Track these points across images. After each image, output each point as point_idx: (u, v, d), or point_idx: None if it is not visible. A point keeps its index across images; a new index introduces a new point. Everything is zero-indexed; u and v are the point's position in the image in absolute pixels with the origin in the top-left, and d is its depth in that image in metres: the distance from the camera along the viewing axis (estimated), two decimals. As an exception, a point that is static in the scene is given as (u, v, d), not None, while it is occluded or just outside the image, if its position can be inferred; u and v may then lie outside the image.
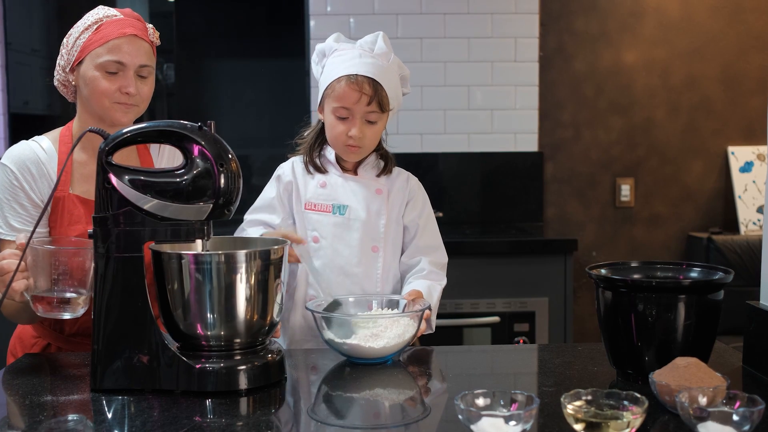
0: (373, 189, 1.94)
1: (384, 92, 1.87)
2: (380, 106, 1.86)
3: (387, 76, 1.88)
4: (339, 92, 1.86)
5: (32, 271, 1.52)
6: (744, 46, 3.82)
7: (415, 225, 1.97)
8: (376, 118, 1.88)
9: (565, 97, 3.82)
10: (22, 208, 1.79)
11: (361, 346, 1.57)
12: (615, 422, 1.14)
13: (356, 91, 1.84)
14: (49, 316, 1.53)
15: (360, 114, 1.86)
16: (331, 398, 1.44)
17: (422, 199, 2.01)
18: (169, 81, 6.06)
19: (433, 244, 1.98)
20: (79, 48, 1.78)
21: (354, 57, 1.87)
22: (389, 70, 1.89)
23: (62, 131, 1.87)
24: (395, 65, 1.92)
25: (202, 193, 1.42)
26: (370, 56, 1.88)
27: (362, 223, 1.90)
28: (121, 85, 1.77)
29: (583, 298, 3.85)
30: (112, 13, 1.81)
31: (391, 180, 1.98)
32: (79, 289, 1.53)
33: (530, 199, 3.80)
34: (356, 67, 1.86)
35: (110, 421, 1.30)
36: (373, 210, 1.92)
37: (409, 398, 1.44)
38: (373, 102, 1.85)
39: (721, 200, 3.87)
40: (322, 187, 1.93)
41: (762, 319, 1.49)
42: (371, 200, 1.93)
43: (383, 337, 1.58)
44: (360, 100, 1.85)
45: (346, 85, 1.85)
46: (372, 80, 1.85)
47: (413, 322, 1.63)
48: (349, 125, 1.87)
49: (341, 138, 1.88)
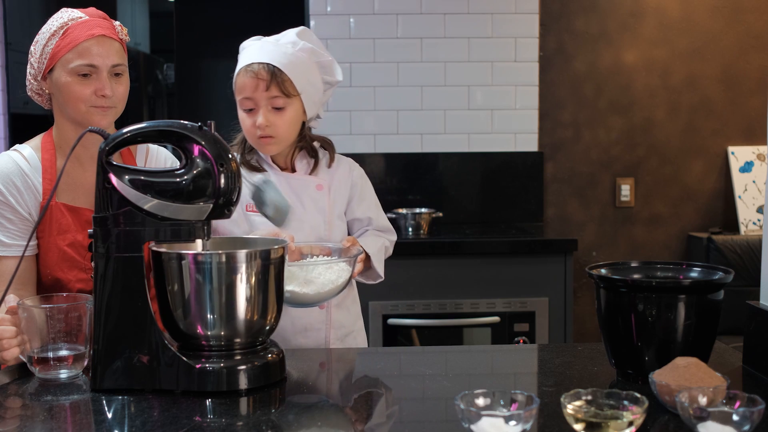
0: (313, 185, 1.92)
1: (285, 76, 1.82)
2: (282, 91, 1.82)
3: (291, 60, 1.83)
4: (239, 84, 1.85)
5: (27, 331, 1.50)
6: (744, 46, 3.82)
7: (367, 218, 1.99)
8: (283, 104, 1.83)
9: (565, 97, 3.82)
10: (9, 222, 1.77)
11: (296, 292, 1.62)
12: (615, 422, 1.14)
13: (253, 78, 1.82)
14: (48, 376, 1.49)
15: (263, 101, 1.82)
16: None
17: (368, 190, 2.01)
18: (169, 81, 6.07)
19: (386, 226, 2.02)
20: (48, 55, 1.75)
21: (254, 50, 1.85)
22: (295, 55, 1.84)
23: (44, 138, 1.84)
24: (306, 52, 1.86)
25: (202, 193, 1.42)
26: (273, 45, 1.85)
27: (304, 223, 1.88)
28: (96, 88, 1.75)
29: (583, 298, 3.85)
30: (77, 15, 1.78)
31: (332, 172, 1.95)
32: (76, 345, 1.50)
33: (530, 199, 3.80)
34: (253, 56, 1.84)
35: (110, 421, 1.30)
36: (315, 208, 1.91)
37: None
38: (272, 87, 1.81)
39: (721, 200, 3.87)
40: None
41: (762, 319, 1.49)
42: (312, 198, 1.91)
43: (317, 283, 1.63)
44: (258, 87, 1.81)
45: (243, 75, 1.84)
46: (268, 65, 1.81)
47: (347, 267, 1.69)
48: (256, 115, 1.84)
49: (252, 131, 1.85)
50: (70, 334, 1.49)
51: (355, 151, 3.70)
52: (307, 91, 1.87)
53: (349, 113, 3.74)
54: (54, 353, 1.49)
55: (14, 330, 1.51)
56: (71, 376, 1.50)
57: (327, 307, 1.91)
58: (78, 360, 1.50)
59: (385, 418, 1.35)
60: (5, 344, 1.51)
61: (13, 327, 1.52)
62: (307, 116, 1.90)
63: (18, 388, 1.46)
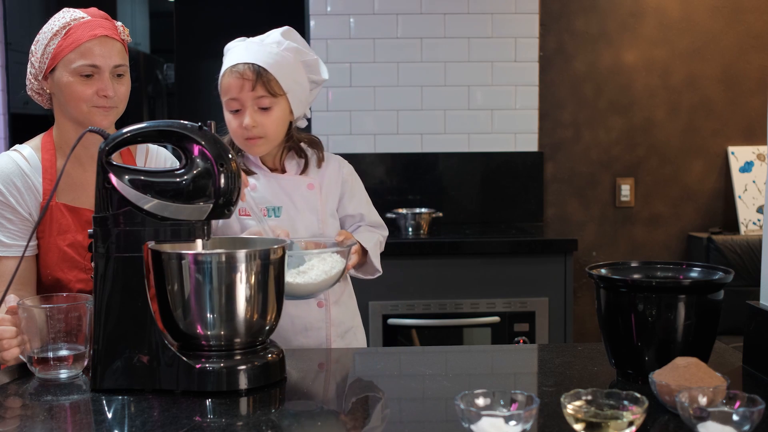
0: (304, 185, 1.92)
1: (271, 76, 1.81)
2: (269, 91, 1.81)
3: (276, 60, 1.83)
4: (224, 85, 1.84)
5: (27, 331, 1.50)
6: (744, 46, 3.82)
7: (359, 214, 1.99)
8: (269, 104, 1.82)
9: (565, 97, 3.82)
10: (10, 222, 1.77)
11: (290, 283, 1.62)
12: (615, 422, 1.14)
13: (238, 79, 1.81)
14: (48, 376, 1.49)
15: (249, 101, 1.82)
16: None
17: (358, 186, 2.02)
18: (169, 81, 6.07)
19: (377, 222, 2.03)
20: (50, 55, 1.75)
21: (240, 50, 1.85)
22: (280, 55, 1.84)
23: (43, 138, 1.84)
24: (292, 51, 1.85)
25: (202, 193, 1.42)
26: (258, 45, 1.85)
27: (297, 223, 1.88)
28: (98, 88, 1.75)
29: (583, 298, 3.85)
30: (79, 15, 1.78)
31: (321, 171, 1.95)
32: (76, 345, 1.50)
33: (530, 199, 3.80)
34: (239, 57, 1.83)
35: (110, 421, 1.30)
36: (307, 207, 1.90)
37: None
38: (258, 86, 1.80)
39: (721, 200, 3.87)
40: (252, 190, 1.87)
41: (762, 319, 1.49)
42: (304, 197, 1.91)
43: (310, 273, 1.64)
44: (244, 87, 1.81)
45: (228, 76, 1.83)
46: (254, 65, 1.81)
47: (341, 258, 1.69)
48: (243, 116, 1.83)
49: (239, 132, 1.84)
50: (70, 334, 1.49)
51: (355, 151, 3.71)
52: (294, 90, 1.86)
53: (349, 113, 3.74)
54: (54, 353, 1.49)
55: (14, 330, 1.52)
56: (71, 376, 1.50)
57: (325, 305, 1.91)
58: (78, 360, 1.50)
59: (386, 418, 1.35)
60: (5, 344, 1.51)
61: (13, 327, 1.52)
62: (294, 116, 1.90)
63: (18, 388, 1.46)
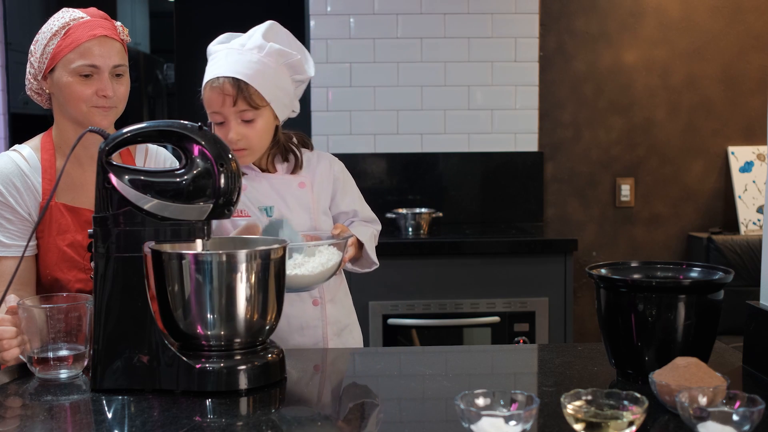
0: (295, 184, 1.92)
1: (251, 89, 1.78)
2: (250, 104, 1.79)
3: (256, 70, 1.80)
4: (206, 99, 1.83)
5: (27, 331, 1.50)
6: (744, 46, 3.82)
7: (353, 210, 2.00)
8: (253, 116, 1.81)
9: (565, 97, 3.82)
10: (9, 222, 1.77)
11: (286, 275, 1.60)
12: (615, 422, 1.14)
13: (219, 94, 1.79)
14: (48, 376, 1.49)
15: (232, 116, 1.80)
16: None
17: (350, 183, 2.02)
18: (169, 81, 6.07)
19: (371, 217, 2.03)
20: (49, 55, 1.75)
21: (220, 59, 1.83)
22: (261, 63, 1.80)
23: (43, 138, 1.84)
24: (273, 56, 1.82)
25: (202, 193, 1.42)
26: (238, 53, 1.82)
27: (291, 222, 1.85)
28: (98, 88, 1.75)
29: (583, 298, 3.85)
30: (78, 15, 1.77)
31: (313, 169, 1.95)
32: (76, 345, 1.50)
33: (530, 199, 3.80)
34: (218, 69, 1.81)
35: (110, 421, 1.30)
36: (299, 206, 1.90)
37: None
38: (239, 101, 1.78)
39: (721, 200, 3.87)
40: (244, 190, 1.86)
41: (762, 319, 1.49)
42: (295, 196, 1.91)
43: (306, 266, 1.65)
44: (225, 102, 1.79)
45: (209, 90, 1.81)
46: (233, 80, 1.79)
47: (337, 251, 1.70)
48: (227, 129, 1.81)
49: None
50: (70, 334, 1.49)
51: (355, 151, 3.71)
52: (277, 97, 1.84)
53: (349, 113, 3.74)
54: (54, 353, 1.49)
55: (14, 330, 1.52)
56: (71, 376, 1.50)
57: (321, 303, 1.91)
58: (78, 360, 1.50)
59: (386, 419, 1.35)
60: (5, 344, 1.51)
61: (13, 327, 1.52)
62: (279, 120, 1.89)
63: (18, 388, 1.46)
